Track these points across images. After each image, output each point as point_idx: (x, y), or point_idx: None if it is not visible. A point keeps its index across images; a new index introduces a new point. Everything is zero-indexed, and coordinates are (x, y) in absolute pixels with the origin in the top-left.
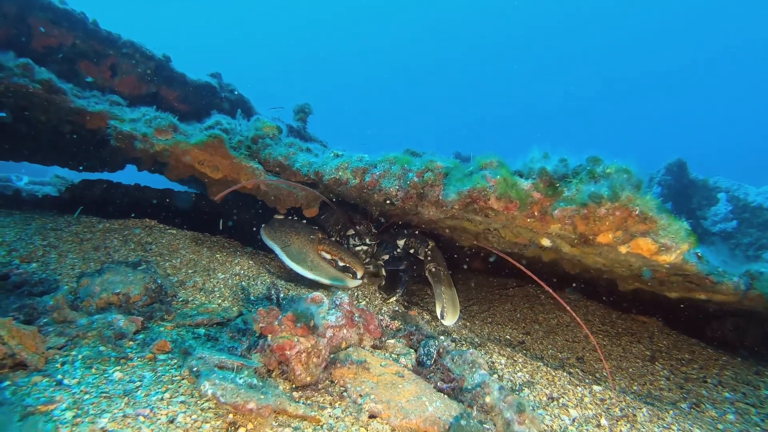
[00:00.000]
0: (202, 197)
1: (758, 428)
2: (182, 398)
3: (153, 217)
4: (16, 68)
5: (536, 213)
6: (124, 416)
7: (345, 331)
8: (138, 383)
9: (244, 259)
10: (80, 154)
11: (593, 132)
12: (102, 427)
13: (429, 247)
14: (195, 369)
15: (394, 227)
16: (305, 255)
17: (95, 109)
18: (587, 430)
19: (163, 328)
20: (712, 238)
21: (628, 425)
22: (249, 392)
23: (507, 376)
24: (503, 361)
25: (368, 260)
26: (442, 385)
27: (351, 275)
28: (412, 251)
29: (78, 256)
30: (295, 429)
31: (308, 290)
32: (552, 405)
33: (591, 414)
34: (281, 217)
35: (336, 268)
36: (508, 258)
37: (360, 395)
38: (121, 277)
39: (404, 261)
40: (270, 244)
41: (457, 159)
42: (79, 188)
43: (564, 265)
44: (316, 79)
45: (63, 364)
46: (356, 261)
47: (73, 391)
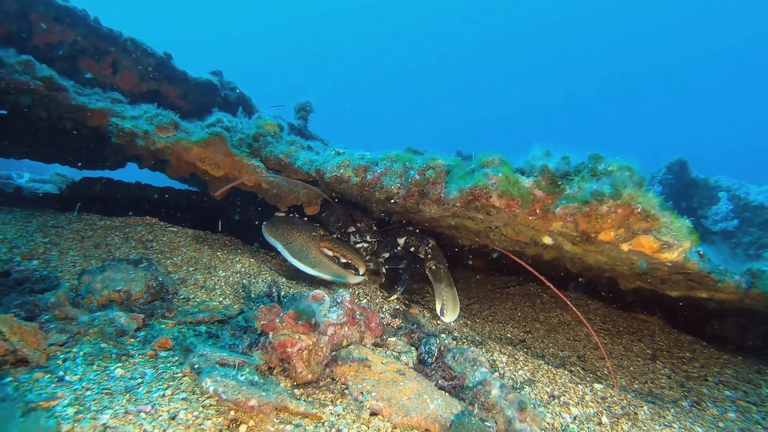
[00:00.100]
0: (203, 195)
1: (759, 426)
2: (184, 395)
3: (154, 215)
4: (18, 65)
5: (538, 210)
6: (126, 413)
7: (346, 329)
8: (139, 380)
9: (245, 257)
10: (81, 152)
11: (594, 131)
12: (104, 423)
13: (429, 246)
14: (196, 366)
15: (395, 225)
16: (307, 252)
17: (96, 107)
18: (588, 428)
19: (165, 326)
20: (713, 237)
21: (630, 423)
22: (250, 389)
23: (508, 374)
24: (504, 360)
25: (369, 257)
26: (444, 383)
27: (353, 271)
28: (413, 249)
29: (79, 254)
30: (297, 426)
31: (309, 288)
32: (553, 403)
33: (592, 412)
34: (282, 215)
35: (338, 265)
36: (510, 254)
37: (361, 393)
38: (123, 275)
39: (404, 259)
40: (272, 242)
41: (459, 157)
42: (80, 186)
43: (565, 264)
44: (317, 78)
45: (64, 361)
46: (358, 257)
47: (75, 388)
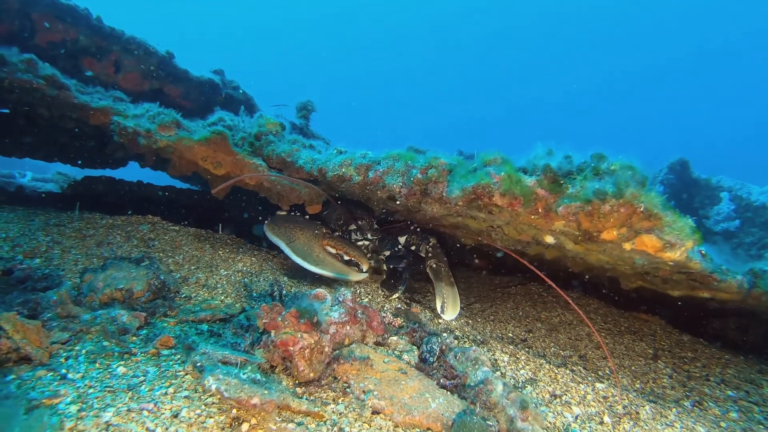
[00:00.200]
0: (205, 194)
1: (761, 426)
2: (186, 393)
3: (156, 214)
4: (20, 64)
5: (540, 210)
6: (129, 410)
7: (348, 328)
8: (142, 378)
9: (247, 256)
10: (82, 151)
11: (595, 130)
12: (106, 421)
13: (430, 244)
14: (198, 364)
15: (396, 224)
16: (310, 250)
17: (99, 105)
18: (590, 428)
19: (167, 324)
20: (715, 238)
21: (631, 422)
22: (253, 387)
23: (510, 374)
24: (506, 359)
25: (370, 255)
26: (445, 382)
27: (356, 269)
28: (414, 248)
29: (81, 252)
30: (299, 424)
31: (311, 287)
32: (555, 402)
33: (594, 411)
34: (284, 213)
35: (341, 262)
36: (512, 253)
37: (363, 391)
38: (125, 273)
39: (405, 258)
40: (275, 240)
41: (461, 156)
42: (82, 185)
43: (567, 263)
44: (319, 77)
45: (67, 359)
46: (361, 254)
47: (78, 386)
